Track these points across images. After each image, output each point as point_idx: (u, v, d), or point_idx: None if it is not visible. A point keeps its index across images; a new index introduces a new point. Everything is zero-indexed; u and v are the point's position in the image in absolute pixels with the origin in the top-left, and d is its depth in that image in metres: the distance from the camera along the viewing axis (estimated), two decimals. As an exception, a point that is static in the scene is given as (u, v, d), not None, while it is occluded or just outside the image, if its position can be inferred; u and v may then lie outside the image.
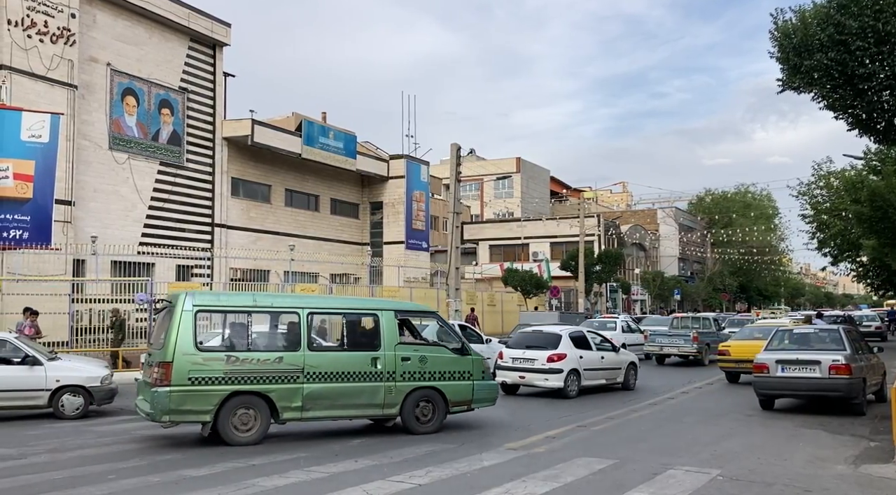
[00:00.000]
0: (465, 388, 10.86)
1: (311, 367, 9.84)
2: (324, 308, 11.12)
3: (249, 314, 9.95)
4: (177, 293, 10.09)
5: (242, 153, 33.11)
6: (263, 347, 10.05)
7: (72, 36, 24.94)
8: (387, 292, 28.21)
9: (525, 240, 53.82)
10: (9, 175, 19.78)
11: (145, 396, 9.64)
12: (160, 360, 9.32)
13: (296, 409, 9.76)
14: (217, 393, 9.35)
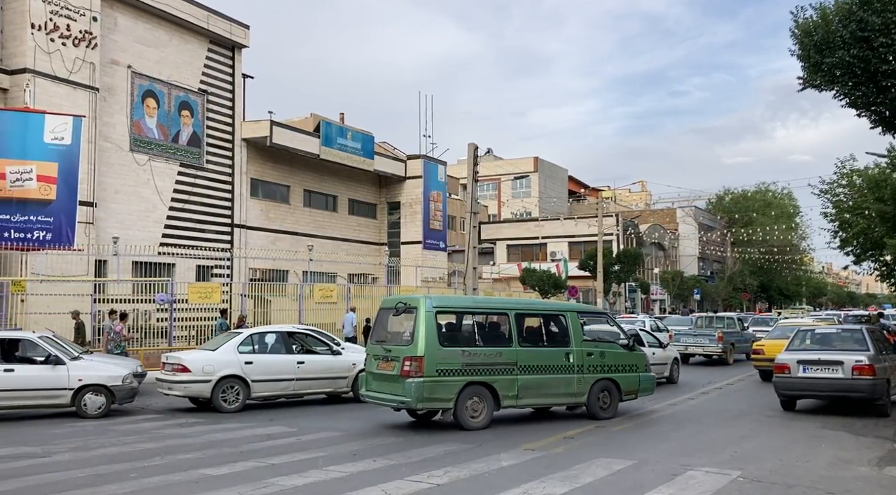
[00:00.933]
0: (634, 379, 12.49)
1: (522, 361, 11.30)
2: (526, 309, 12.60)
3: (473, 314, 11.62)
4: (415, 297, 11.49)
5: (261, 154, 33.34)
6: (485, 343, 11.30)
7: (93, 39, 25.25)
8: (404, 292, 28.20)
9: (543, 240, 53.67)
10: (32, 177, 20.04)
11: (390, 387, 10.83)
12: (411, 355, 10.52)
13: (512, 398, 11.17)
14: (457, 383, 10.67)
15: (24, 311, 19.22)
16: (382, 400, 11.02)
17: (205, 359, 13.18)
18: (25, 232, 19.98)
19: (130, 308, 21.65)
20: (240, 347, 13.49)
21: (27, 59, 23.37)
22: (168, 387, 13.13)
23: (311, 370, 13.96)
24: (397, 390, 10.58)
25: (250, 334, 14.04)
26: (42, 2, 23.70)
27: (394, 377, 10.69)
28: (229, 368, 13.10)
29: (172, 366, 13.14)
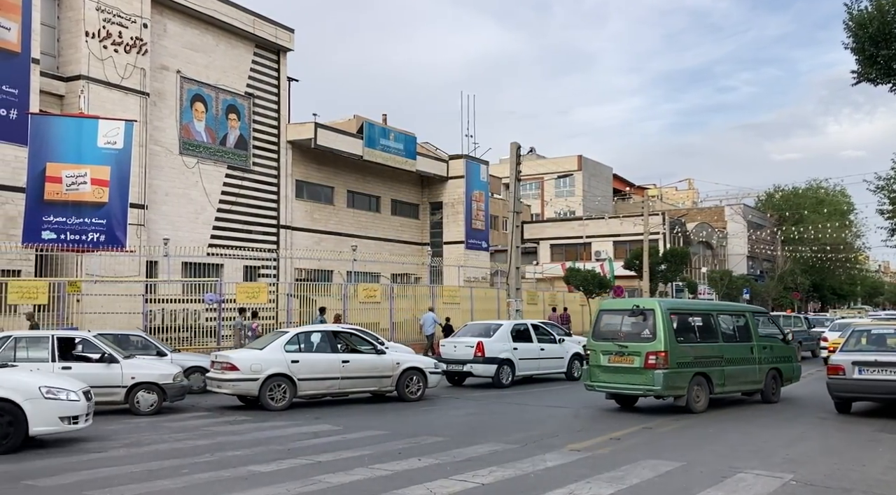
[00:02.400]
0: (790, 368, 14.71)
1: (725, 354, 13.24)
2: (724, 310, 14.84)
3: (691, 315, 13.52)
4: (650, 300, 13.67)
5: (306, 156, 33.78)
6: (702, 340, 13.14)
7: (144, 45, 25.93)
8: (447, 292, 28.30)
9: (587, 239, 53.15)
10: (87, 180, 20.68)
11: (629, 378, 12.57)
12: (655, 350, 12.28)
13: (720, 386, 13.06)
14: (688, 373, 12.54)
15: (80, 311, 19.83)
16: (621, 390, 12.90)
17: (252, 358, 13.40)
18: (80, 234, 20.63)
19: (180, 307, 22.20)
20: (286, 346, 13.70)
21: (82, 66, 24.11)
22: (217, 385, 13.41)
23: (356, 369, 14.13)
24: (639, 380, 12.43)
25: (297, 333, 14.25)
26: (96, 10, 24.44)
27: (635, 369, 12.45)
28: (276, 367, 13.30)
29: (221, 364, 13.41)
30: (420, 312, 25.77)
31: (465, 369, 17.46)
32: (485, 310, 28.64)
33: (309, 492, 7.05)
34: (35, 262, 21.53)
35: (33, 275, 21.19)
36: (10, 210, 21.53)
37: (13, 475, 7.86)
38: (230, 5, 30.05)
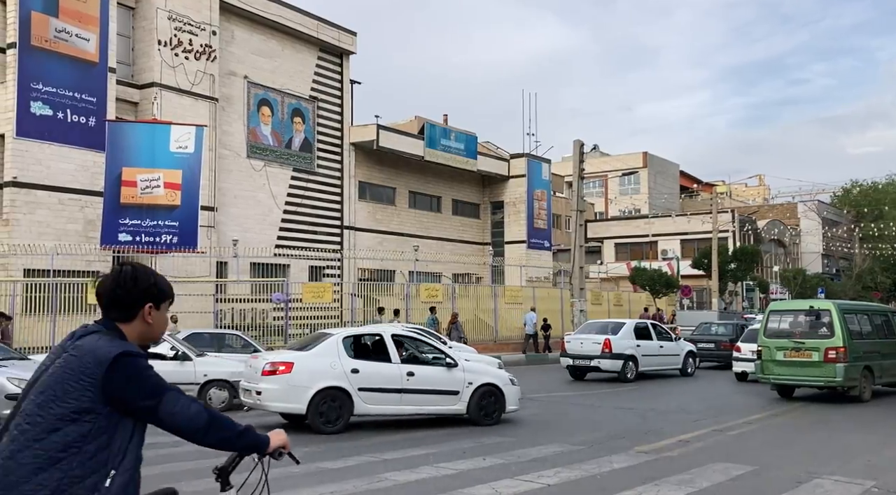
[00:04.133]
0: None
1: (881, 349, 14.53)
2: (877, 310, 16.20)
3: (856, 314, 14.86)
4: (825, 301, 15.61)
5: (368, 157, 34.20)
6: (864, 337, 14.48)
7: (213, 52, 26.73)
8: (509, 292, 28.20)
9: (653, 238, 52.11)
10: (160, 184, 21.47)
11: (807, 371, 13.95)
12: (835, 346, 13.54)
13: (878, 377, 14.39)
14: (859, 366, 13.81)
15: (155, 310, 20.50)
16: (798, 382, 14.33)
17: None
18: (154, 235, 21.43)
19: (248, 307, 22.79)
20: None
21: (155, 73, 25.03)
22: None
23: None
24: (818, 373, 13.74)
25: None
26: (168, 19, 25.33)
27: (814, 363, 13.74)
28: None
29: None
30: (481, 312, 25.77)
31: (592, 364, 18.42)
32: (548, 310, 28.39)
33: (376, 490, 7.12)
34: (112, 263, 22.44)
35: (111, 275, 22.05)
36: (90, 213, 22.51)
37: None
38: (295, 10, 30.70)
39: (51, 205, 21.99)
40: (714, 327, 24.14)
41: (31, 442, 2.33)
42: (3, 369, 10.85)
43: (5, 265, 20.50)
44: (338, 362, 10.40)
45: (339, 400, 10.28)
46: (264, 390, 10.18)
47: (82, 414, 2.36)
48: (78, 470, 2.33)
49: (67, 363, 2.41)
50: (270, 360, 10.42)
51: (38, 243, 20.56)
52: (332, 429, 10.18)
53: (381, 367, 10.65)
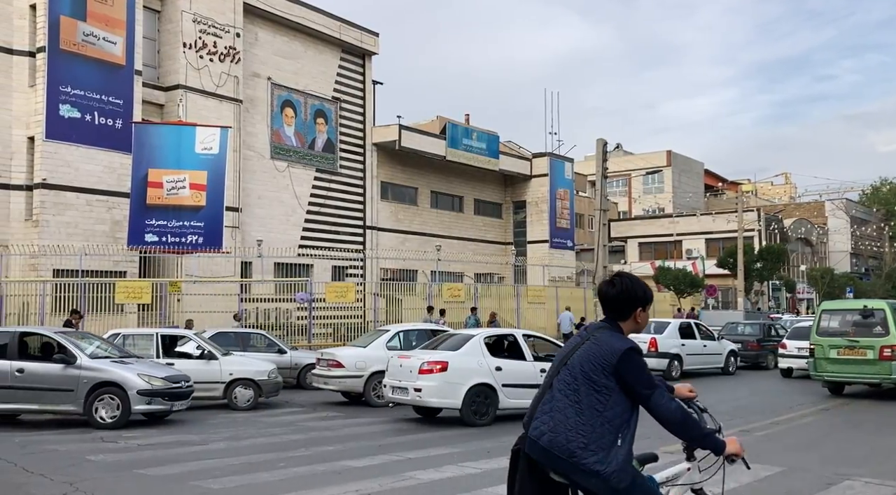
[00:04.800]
0: None
1: None
2: None
3: None
4: (878, 301, 15.25)
5: (390, 157, 34.30)
6: None
7: (237, 54, 26.98)
8: (532, 292, 28.09)
9: (678, 237, 51.65)
10: (185, 185, 21.70)
11: (861, 369, 14.16)
12: (890, 343, 13.87)
13: None
14: None
15: (180, 310, 20.80)
16: (852, 379, 14.59)
17: (357, 356, 13.73)
18: (180, 236, 21.66)
19: (272, 306, 22.97)
20: (388, 344, 14.04)
21: (180, 76, 25.31)
22: (324, 381, 13.76)
23: None
24: (873, 370, 14.04)
25: (397, 331, 14.62)
26: (193, 22, 25.61)
27: (869, 361, 14.07)
28: (380, 364, 13.50)
29: (328, 361, 13.76)
30: (504, 311, 25.71)
31: None
32: (572, 309, 28.26)
33: (401, 488, 7.14)
34: (139, 264, 22.76)
35: (138, 275, 22.41)
36: (117, 214, 22.83)
37: (125, 464, 8.33)
38: (318, 12, 30.87)
39: (79, 207, 22.33)
40: (741, 327, 23.92)
41: (572, 402, 3.20)
42: (130, 366, 11.25)
43: (35, 265, 20.85)
44: (483, 361, 11.36)
45: (487, 396, 11.23)
46: (424, 387, 10.98)
47: (602, 388, 3.20)
48: (599, 429, 3.17)
49: (590, 349, 3.27)
50: (427, 360, 11.23)
51: (66, 244, 20.89)
52: (483, 422, 11.09)
53: (519, 365, 11.66)
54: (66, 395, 10.69)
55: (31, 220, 21.79)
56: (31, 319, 18.55)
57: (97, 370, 10.91)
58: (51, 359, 11.08)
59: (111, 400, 10.77)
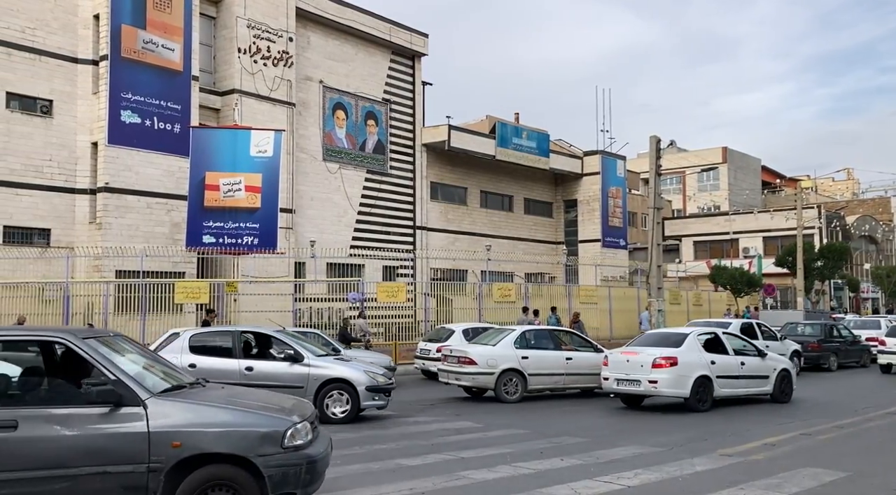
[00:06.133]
0: None
1: None
2: None
3: None
4: None
5: (440, 158, 34.42)
6: None
7: (290, 58, 27.46)
8: (583, 292, 27.81)
9: (734, 236, 50.45)
10: (241, 187, 22.18)
11: None
12: None
13: None
14: None
15: (237, 310, 21.27)
16: None
17: (488, 354, 14.08)
18: (236, 237, 22.15)
19: (325, 306, 23.30)
20: (515, 343, 14.30)
21: (235, 80, 25.90)
22: (455, 378, 14.13)
23: (579, 366, 14.62)
24: None
25: (524, 331, 14.91)
26: (247, 27, 26.18)
27: None
28: (509, 362, 13.91)
29: (458, 358, 14.18)
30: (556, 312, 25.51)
31: None
32: (624, 310, 27.89)
33: (454, 487, 7.16)
34: (197, 264, 23.36)
35: (196, 276, 23.01)
36: (176, 216, 23.49)
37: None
38: (368, 15, 31.20)
39: (140, 209, 23.06)
40: (801, 327, 23.23)
41: None
42: (353, 364, 11.86)
43: (99, 267, 21.61)
44: (701, 356, 12.93)
45: (707, 386, 12.75)
46: (659, 379, 12.44)
47: None
48: None
49: None
50: (659, 356, 12.59)
51: (128, 245, 21.59)
52: (704, 408, 12.57)
53: (726, 359, 13.21)
54: (296, 392, 10.88)
55: (94, 223, 22.59)
56: (96, 319, 19.22)
57: (324, 367, 11.37)
58: (278, 358, 11.52)
59: (340, 395, 11.22)
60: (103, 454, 4.97)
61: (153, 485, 5.02)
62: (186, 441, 5.06)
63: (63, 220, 22.46)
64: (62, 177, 22.51)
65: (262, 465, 5.15)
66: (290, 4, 27.67)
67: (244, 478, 5.16)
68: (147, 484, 5.01)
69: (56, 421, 4.99)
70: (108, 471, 4.96)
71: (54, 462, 4.90)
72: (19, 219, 21.65)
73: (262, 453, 5.17)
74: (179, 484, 5.09)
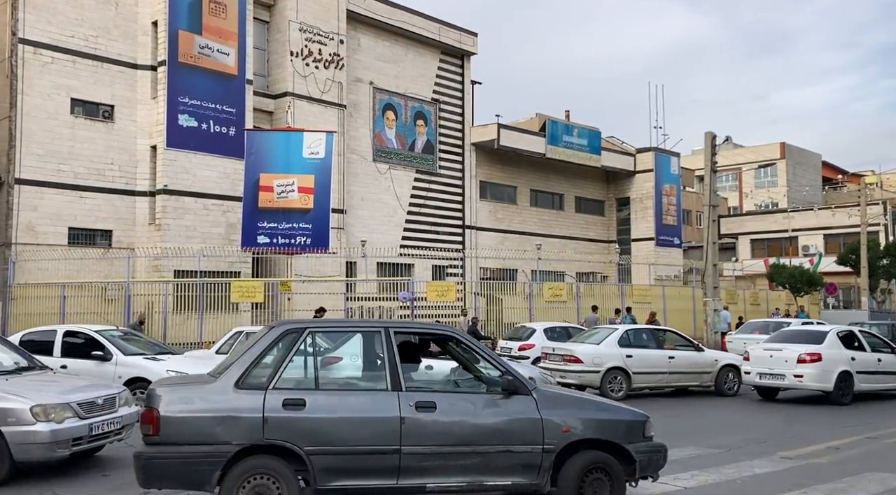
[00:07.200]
0: None
1: None
2: None
3: None
4: None
5: (489, 157, 34.34)
6: None
7: (341, 60, 27.80)
8: (637, 291, 27.33)
9: (793, 233, 48.95)
10: (294, 189, 22.53)
11: None
12: None
13: None
14: None
15: (290, 309, 21.62)
16: None
17: (594, 352, 14.28)
18: (290, 237, 22.51)
19: (375, 305, 23.50)
20: (619, 342, 14.45)
21: (287, 83, 26.34)
22: (561, 375, 14.23)
23: (680, 365, 14.65)
24: None
25: (626, 330, 15.07)
26: (299, 31, 26.60)
27: None
28: (614, 361, 14.07)
29: (563, 357, 14.45)
30: (608, 312, 25.17)
31: None
32: (678, 310, 27.31)
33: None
34: (252, 264, 23.84)
35: (251, 275, 23.48)
36: (231, 217, 24.01)
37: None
38: (418, 15, 31.35)
39: (197, 211, 23.64)
40: (866, 328, 22.40)
41: None
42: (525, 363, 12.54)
43: (158, 267, 22.24)
44: (841, 352, 13.56)
45: (848, 381, 13.35)
46: (805, 374, 13.19)
47: None
48: None
49: None
50: (804, 352, 13.32)
51: (186, 246, 22.16)
52: (846, 401, 13.23)
53: (865, 356, 13.86)
54: None
55: (154, 224, 23.25)
56: (156, 318, 19.79)
57: None
58: None
59: None
60: (507, 435, 5.69)
61: (545, 464, 5.73)
62: (574, 427, 5.83)
63: (124, 222, 23.19)
64: (123, 179, 23.24)
65: (633, 451, 5.94)
66: (340, 7, 28.00)
67: (615, 463, 5.90)
68: (541, 463, 5.72)
69: (466, 404, 5.77)
70: (512, 450, 5.68)
71: (468, 440, 5.62)
72: (83, 221, 22.43)
73: (632, 441, 5.98)
74: (563, 464, 5.80)
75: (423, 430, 5.53)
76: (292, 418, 5.38)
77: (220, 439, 5.29)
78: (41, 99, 21.65)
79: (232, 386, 5.45)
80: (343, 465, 5.42)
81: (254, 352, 5.63)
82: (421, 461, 5.52)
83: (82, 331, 12.10)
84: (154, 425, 5.28)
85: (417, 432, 5.52)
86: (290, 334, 5.76)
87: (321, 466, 5.36)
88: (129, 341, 12.23)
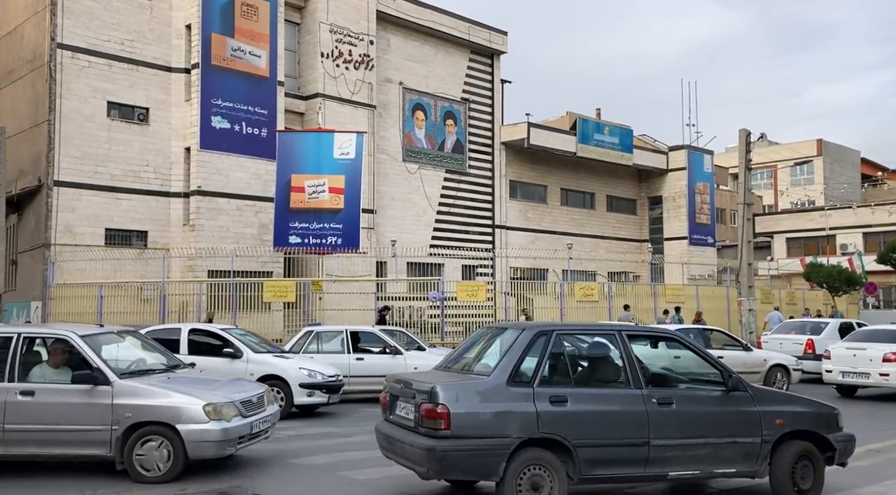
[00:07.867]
0: None
1: None
2: None
3: None
4: None
5: (519, 156, 34.21)
6: None
7: (371, 61, 27.92)
8: (670, 290, 26.99)
9: (830, 231, 47.94)
10: (325, 189, 22.69)
11: None
12: None
13: None
14: None
15: (322, 308, 21.77)
16: None
17: None
18: (321, 237, 22.68)
19: (406, 305, 23.54)
20: None
21: (318, 85, 26.53)
22: None
23: (731, 365, 14.43)
24: None
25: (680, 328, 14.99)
26: (329, 32, 26.79)
27: None
28: None
29: None
30: (639, 312, 24.90)
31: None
32: (713, 309, 26.88)
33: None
34: (284, 264, 24.04)
35: (283, 275, 23.69)
36: (263, 218, 24.26)
37: (280, 453, 8.81)
38: (447, 15, 31.34)
39: (230, 211, 23.93)
40: None
41: None
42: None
43: (192, 267, 22.55)
44: None
45: None
46: (891, 373, 13.41)
47: None
48: None
49: None
50: (889, 351, 13.57)
51: (219, 246, 22.44)
52: None
53: None
54: None
55: (188, 225, 23.59)
56: (190, 317, 20.06)
57: None
58: None
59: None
60: (733, 427, 6.40)
61: (763, 453, 6.48)
62: (787, 421, 6.57)
63: (159, 223, 23.56)
64: (158, 181, 23.61)
65: (833, 441, 6.68)
66: (370, 8, 28.12)
67: (817, 451, 6.65)
68: (759, 452, 6.46)
69: (697, 400, 6.52)
70: (737, 441, 6.41)
71: (703, 432, 6.32)
72: (119, 222, 22.84)
73: (831, 431, 6.73)
74: (775, 453, 6.52)
75: (665, 424, 6.16)
76: (559, 412, 5.92)
77: (503, 433, 5.77)
78: (78, 102, 22.10)
79: (505, 383, 5.92)
80: (602, 456, 6.01)
81: (515, 352, 6.12)
82: (664, 452, 6.14)
83: (209, 329, 12.41)
84: (445, 420, 5.68)
85: (661, 425, 6.15)
86: (542, 336, 6.28)
87: (585, 457, 5.92)
88: (247, 338, 12.45)
